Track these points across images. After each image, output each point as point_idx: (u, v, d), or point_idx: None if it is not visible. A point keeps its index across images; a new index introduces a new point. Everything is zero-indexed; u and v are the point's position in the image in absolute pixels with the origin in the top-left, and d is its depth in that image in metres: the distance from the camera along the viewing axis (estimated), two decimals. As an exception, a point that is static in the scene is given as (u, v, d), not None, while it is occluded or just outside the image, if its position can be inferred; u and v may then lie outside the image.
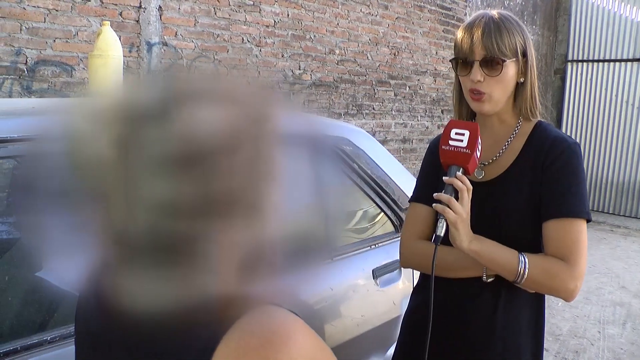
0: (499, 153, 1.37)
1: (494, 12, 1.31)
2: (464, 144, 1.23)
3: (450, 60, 1.40)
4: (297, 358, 0.58)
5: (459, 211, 1.20)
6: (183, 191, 0.51)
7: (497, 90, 1.29)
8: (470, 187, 1.22)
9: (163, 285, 0.54)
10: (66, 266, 0.67)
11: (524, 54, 1.31)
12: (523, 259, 1.24)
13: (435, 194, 1.23)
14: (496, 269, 1.27)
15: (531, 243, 1.31)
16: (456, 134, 1.24)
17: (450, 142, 1.24)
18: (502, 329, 1.34)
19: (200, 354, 0.58)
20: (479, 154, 1.25)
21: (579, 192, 1.27)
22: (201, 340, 0.58)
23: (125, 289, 0.57)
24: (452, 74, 1.43)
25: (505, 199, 1.31)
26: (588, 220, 1.29)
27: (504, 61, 1.27)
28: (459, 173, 1.22)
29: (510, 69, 1.29)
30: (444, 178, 1.24)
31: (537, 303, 1.37)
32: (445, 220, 1.21)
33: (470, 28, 1.30)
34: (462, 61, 1.31)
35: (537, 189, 1.30)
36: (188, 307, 0.54)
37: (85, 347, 0.76)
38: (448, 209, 1.20)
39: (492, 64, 1.27)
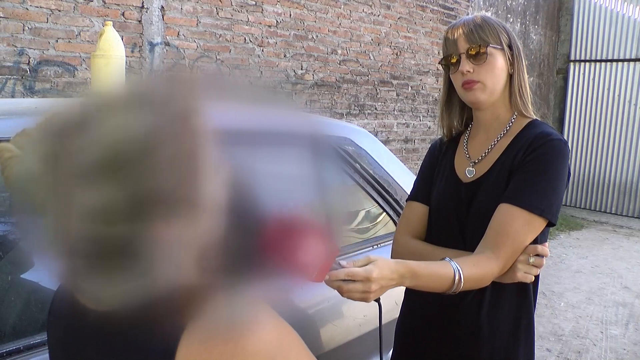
0: (488, 150, 1.37)
1: (475, 14, 1.37)
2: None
3: (439, 62, 1.44)
4: (263, 345, 0.59)
5: (359, 297, 1.04)
6: (112, 196, 0.53)
7: (489, 78, 1.31)
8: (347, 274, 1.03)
9: (114, 286, 0.55)
10: (53, 267, 0.67)
11: (510, 46, 1.34)
12: (459, 277, 1.15)
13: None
14: (435, 290, 1.18)
15: None
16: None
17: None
18: (488, 332, 1.33)
19: (165, 345, 0.59)
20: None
21: (542, 187, 1.24)
22: (165, 332, 0.59)
23: (81, 292, 0.59)
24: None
25: (487, 197, 1.31)
26: (550, 223, 1.24)
27: (487, 46, 1.30)
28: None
29: (498, 58, 1.31)
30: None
31: (522, 307, 1.35)
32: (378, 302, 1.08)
33: (452, 28, 1.36)
34: (449, 58, 1.35)
35: None
36: (147, 304, 0.55)
37: (56, 346, 0.77)
38: (352, 293, 1.03)
39: (477, 52, 1.31)
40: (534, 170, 1.25)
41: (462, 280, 1.16)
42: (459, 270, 1.16)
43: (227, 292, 0.61)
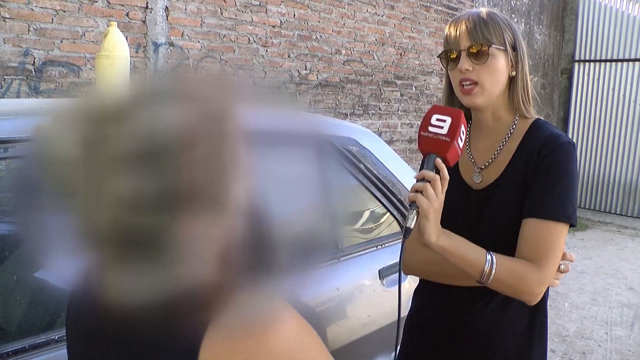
0: (495, 155, 1.34)
1: (482, 9, 1.31)
2: (444, 131, 1.13)
3: (438, 56, 1.39)
4: (285, 341, 0.60)
5: (432, 199, 1.11)
6: (144, 186, 0.54)
7: (488, 81, 1.27)
8: (447, 177, 1.14)
9: (139, 278, 0.56)
10: (64, 265, 0.68)
11: (514, 47, 1.29)
12: (490, 258, 1.18)
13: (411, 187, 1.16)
14: (464, 267, 1.20)
15: None
16: (437, 120, 1.15)
17: (430, 129, 1.15)
18: (500, 334, 1.32)
19: (188, 342, 0.59)
20: (461, 144, 1.16)
21: (563, 194, 1.23)
22: (189, 329, 0.60)
23: (106, 284, 0.59)
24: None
25: (500, 204, 1.29)
26: (572, 225, 1.25)
27: (489, 46, 1.25)
28: (438, 160, 1.14)
29: (499, 59, 1.27)
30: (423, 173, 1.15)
31: (537, 308, 1.33)
32: (417, 211, 1.12)
33: (456, 22, 1.31)
34: (450, 54, 1.30)
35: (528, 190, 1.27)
36: (170, 298, 0.56)
37: (77, 347, 0.77)
38: (421, 195, 1.11)
39: (479, 51, 1.26)
40: (552, 181, 1.24)
41: (494, 266, 1.17)
42: (491, 257, 1.18)
43: (248, 289, 0.62)
